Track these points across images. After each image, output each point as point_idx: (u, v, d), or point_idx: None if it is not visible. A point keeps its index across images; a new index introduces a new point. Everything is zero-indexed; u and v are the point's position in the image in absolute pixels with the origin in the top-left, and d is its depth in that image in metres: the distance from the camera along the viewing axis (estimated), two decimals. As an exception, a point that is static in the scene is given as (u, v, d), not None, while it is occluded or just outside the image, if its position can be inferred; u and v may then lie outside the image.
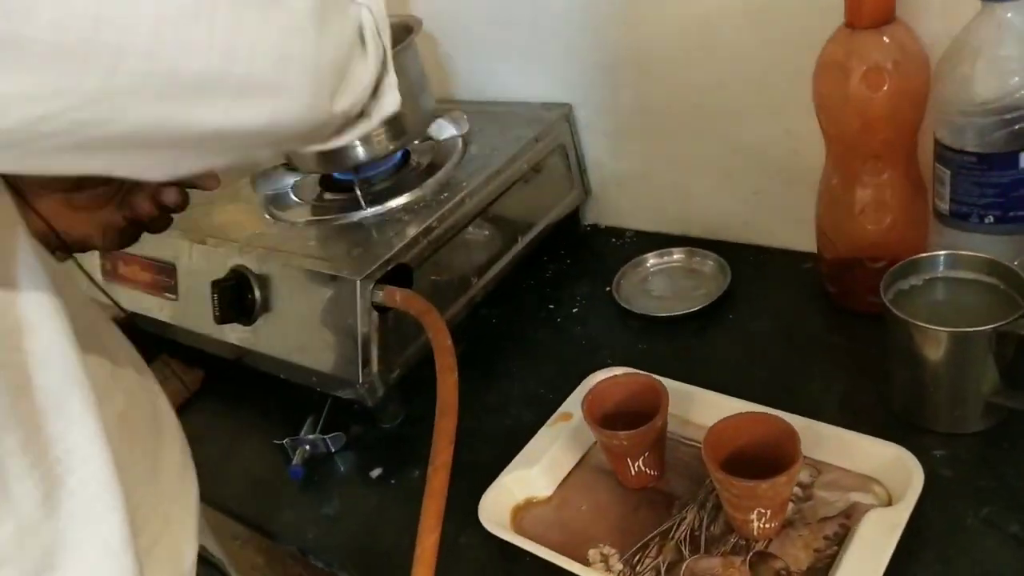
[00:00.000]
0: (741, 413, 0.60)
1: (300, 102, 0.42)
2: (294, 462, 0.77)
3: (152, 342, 0.96)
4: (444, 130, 0.93)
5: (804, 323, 0.79)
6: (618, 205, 1.00)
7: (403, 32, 0.88)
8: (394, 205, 0.85)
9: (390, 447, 0.79)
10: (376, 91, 0.49)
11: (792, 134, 0.82)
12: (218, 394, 0.93)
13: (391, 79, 0.51)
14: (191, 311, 0.89)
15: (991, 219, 0.66)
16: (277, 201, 0.92)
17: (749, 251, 0.91)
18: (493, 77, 1.01)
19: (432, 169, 0.90)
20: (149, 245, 0.91)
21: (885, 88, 0.66)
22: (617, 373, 0.67)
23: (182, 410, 0.91)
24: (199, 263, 0.87)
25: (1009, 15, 0.60)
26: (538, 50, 0.95)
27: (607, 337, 0.84)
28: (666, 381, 0.68)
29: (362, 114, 0.50)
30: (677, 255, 0.91)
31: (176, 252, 0.89)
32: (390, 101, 0.52)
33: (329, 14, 0.44)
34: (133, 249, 0.92)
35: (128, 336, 0.60)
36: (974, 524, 0.57)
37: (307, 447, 0.78)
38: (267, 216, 0.90)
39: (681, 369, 0.77)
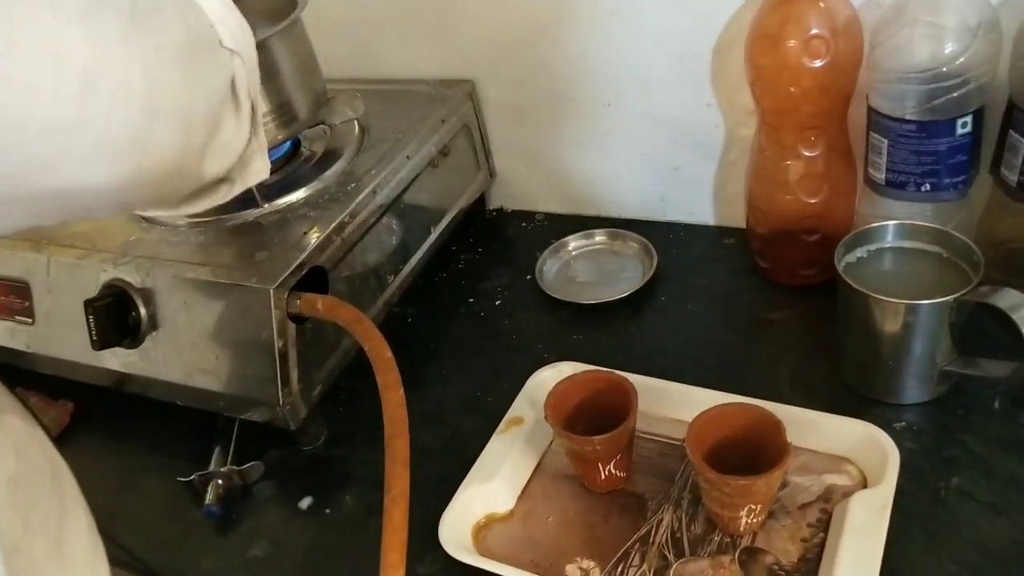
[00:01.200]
0: (720, 405, 0.57)
1: (168, 161, 0.36)
2: (207, 500, 0.67)
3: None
4: (338, 113, 0.84)
5: (739, 300, 0.78)
6: (526, 187, 0.95)
7: (288, 5, 0.78)
8: (293, 200, 0.75)
9: (316, 472, 0.70)
10: (243, 154, 0.44)
11: (714, 108, 0.79)
12: (94, 430, 0.80)
13: (260, 141, 0.46)
14: (54, 336, 0.75)
15: (927, 187, 0.66)
16: (150, 201, 0.80)
17: (670, 229, 0.88)
18: (385, 53, 0.93)
19: (329, 158, 0.81)
20: (-9, 261, 0.78)
21: (822, 58, 0.65)
22: (574, 372, 0.63)
23: (51, 451, 0.78)
24: (61, 280, 0.74)
25: (946, -18, 0.60)
26: (434, 23, 0.87)
27: (537, 329, 0.79)
28: (620, 374, 0.65)
29: (224, 179, 0.46)
30: (599, 237, 0.88)
31: (28, 268, 0.75)
32: (258, 168, 0.46)
33: (202, 58, 0.38)
34: (-27, 268, 0.79)
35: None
36: (950, 496, 0.57)
37: (219, 481, 0.69)
38: (140, 219, 0.78)
39: (622, 358, 0.73)
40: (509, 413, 0.67)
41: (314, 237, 0.69)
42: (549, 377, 0.68)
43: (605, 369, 0.62)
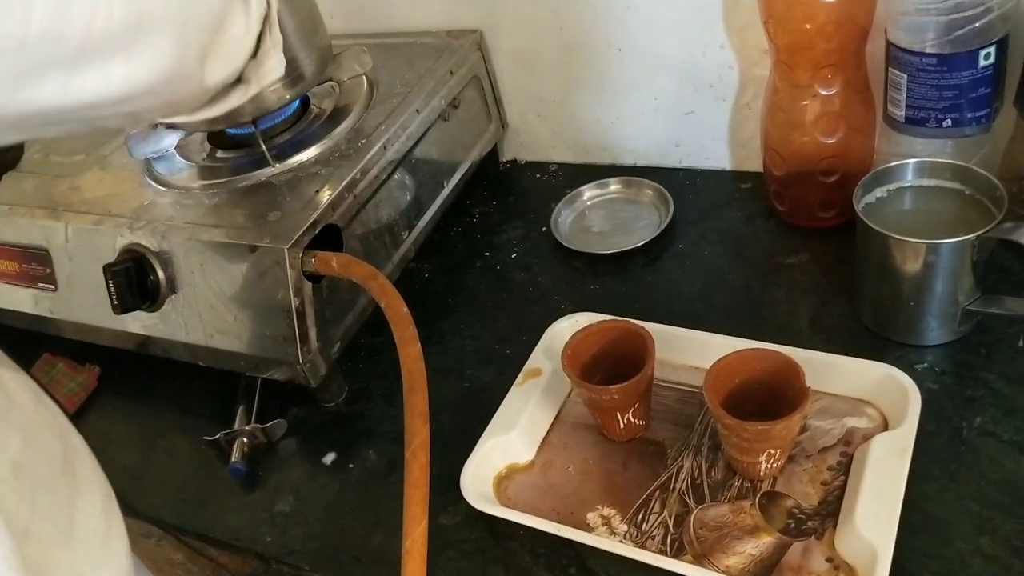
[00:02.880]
0: (738, 351, 0.56)
1: (160, 67, 0.34)
2: (233, 458, 0.68)
3: (28, 341, 0.83)
4: (345, 69, 0.83)
5: (756, 245, 0.77)
6: (538, 138, 0.94)
7: (289, -42, 0.77)
8: (304, 159, 0.75)
9: (338, 428, 0.71)
10: (256, 52, 0.42)
11: (726, 48, 0.77)
12: (121, 391, 0.82)
13: (275, 38, 0.43)
14: (77, 301, 0.76)
15: (949, 122, 0.65)
16: (161, 165, 0.80)
17: (685, 175, 0.87)
18: (389, 6, 0.91)
19: (339, 115, 0.80)
20: (10, 231, 0.78)
21: (838, -9, 0.63)
22: (591, 323, 0.62)
23: (78, 415, 0.80)
24: (80, 246, 0.74)
25: (967, -94, 0.58)
26: (440, -28, 0.86)
27: (554, 281, 0.79)
28: (637, 323, 0.65)
29: (239, 80, 0.44)
30: (614, 186, 0.87)
31: (48, 236, 0.76)
32: (272, 66, 0.44)
33: None
34: (-9, 236, 0.79)
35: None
36: (972, 435, 0.57)
37: (244, 439, 0.70)
38: (152, 183, 0.78)
39: (639, 306, 0.73)
40: (527, 365, 0.67)
41: (326, 195, 0.69)
42: (566, 328, 0.68)
43: (621, 319, 0.62)
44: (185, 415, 0.76)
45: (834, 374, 0.60)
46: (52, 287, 0.77)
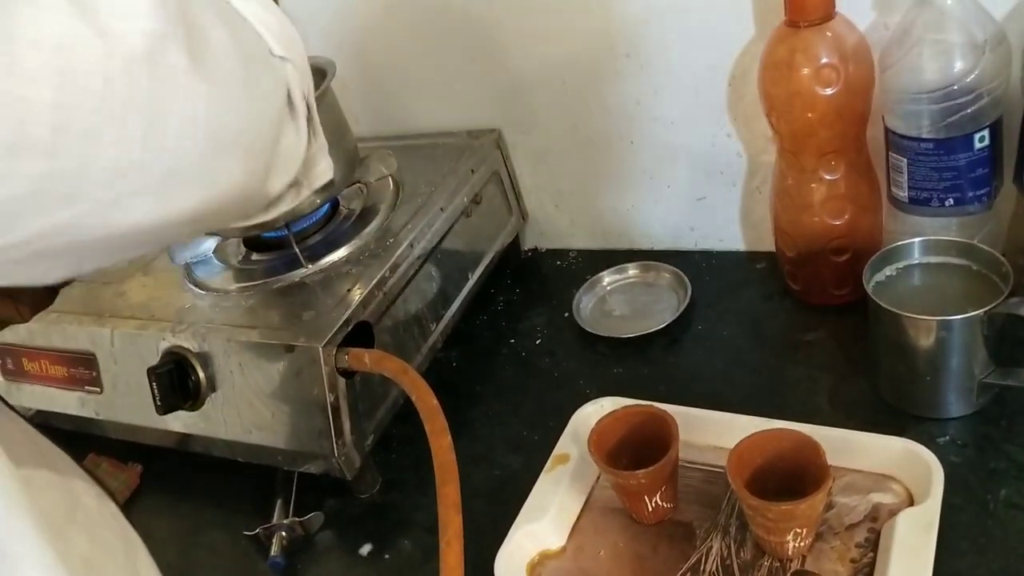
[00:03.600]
0: (759, 432, 0.58)
1: (233, 187, 0.36)
2: (272, 552, 0.70)
3: (73, 441, 0.86)
4: (372, 171, 0.88)
5: (774, 323, 0.79)
6: (558, 226, 0.98)
7: (317, 76, 0.82)
8: (335, 259, 0.79)
9: (373, 519, 0.73)
10: (304, 159, 0.44)
11: (733, 137, 0.81)
12: (162, 489, 0.84)
13: (320, 142, 0.46)
14: (121, 402, 0.80)
15: (951, 202, 0.67)
16: (200, 269, 0.84)
17: (700, 257, 0.90)
18: (410, 110, 0.97)
19: (367, 215, 0.85)
20: (59, 337, 0.82)
21: (834, 84, 0.67)
22: (615, 408, 0.64)
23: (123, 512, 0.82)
24: (125, 350, 0.78)
25: (949, 2, 0.61)
26: (456, 77, 0.91)
27: (578, 365, 0.81)
28: (660, 406, 0.67)
29: (291, 184, 0.45)
30: (632, 271, 0.90)
31: (94, 341, 0.80)
32: (323, 169, 0.46)
33: (257, 74, 0.38)
34: (42, 342, 0.84)
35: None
36: (998, 509, 0.57)
37: (283, 533, 0.72)
38: (192, 287, 0.82)
39: (663, 388, 0.75)
40: (555, 451, 0.69)
41: (357, 294, 0.72)
42: (591, 413, 0.70)
43: (645, 403, 0.64)
44: (224, 510, 0.79)
45: (857, 450, 0.61)
46: (98, 390, 0.81)
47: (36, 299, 0.54)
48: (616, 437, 0.63)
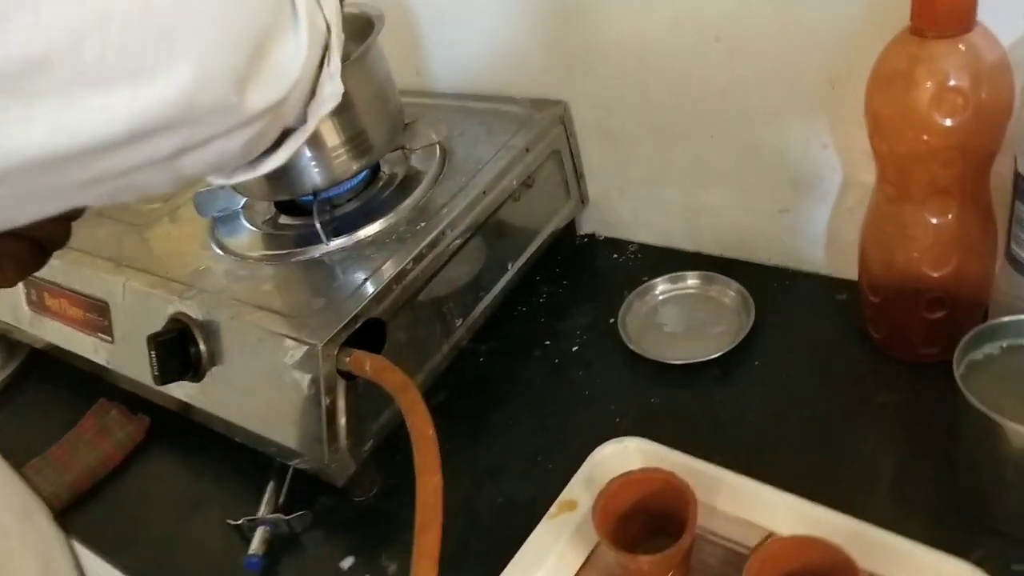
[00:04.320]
0: (789, 539, 0.49)
1: (178, 95, 0.28)
2: (251, 550, 0.66)
3: (90, 382, 0.84)
4: (419, 137, 0.79)
5: (844, 372, 0.68)
6: (619, 215, 0.88)
7: (365, 26, 0.74)
8: (362, 236, 0.72)
9: (364, 526, 0.68)
10: (314, 89, 0.36)
11: (831, 148, 0.69)
12: (166, 448, 0.81)
13: (334, 66, 0.36)
14: (129, 357, 0.76)
15: (1086, 274, 0.55)
16: (224, 227, 0.79)
17: (773, 274, 0.79)
18: (472, 67, 0.87)
19: (406, 186, 0.77)
20: (78, 279, 0.79)
21: (960, 112, 0.54)
22: (632, 470, 0.56)
23: (123, 468, 0.80)
24: (134, 307, 0.74)
25: None
26: (530, 40, 0.81)
27: (614, 385, 0.73)
28: (688, 461, 0.58)
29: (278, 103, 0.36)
30: (692, 281, 0.80)
31: (108, 290, 0.76)
32: (330, 94, 0.37)
33: None
34: (62, 280, 0.80)
35: (63, 373, 0.45)
36: (1074, 669, 0.47)
37: (268, 528, 0.67)
38: (214, 246, 0.77)
39: (702, 429, 0.66)
40: (563, 495, 0.62)
41: (373, 286, 0.65)
42: (610, 455, 0.62)
43: (665, 470, 0.55)
44: (220, 486, 0.75)
45: (910, 566, 0.51)
46: (109, 339, 0.78)
47: (47, 237, 0.49)
48: (628, 501, 0.55)
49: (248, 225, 0.78)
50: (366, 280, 0.66)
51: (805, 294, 0.76)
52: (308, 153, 0.70)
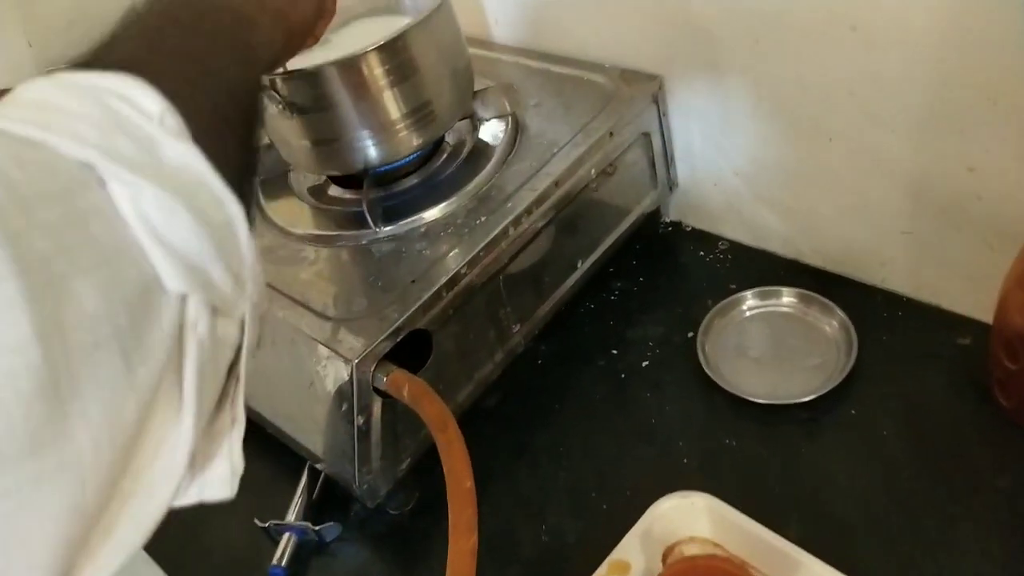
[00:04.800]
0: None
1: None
2: (275, 559, 0.61)
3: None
4: (489, 108, 0.70)
5: (958, 439, 0.58)
6: (711, 206, 0.77)
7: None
8: (415, 224, 0.64)
9: (395, 543, 0.62)
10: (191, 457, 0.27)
11: (977, 173, 0.57)
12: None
13: (233, 438, 0.30)
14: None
15: None
16: (273, 189, 0.72)
17: (883, 299, 0.68)
18: (559, 25, 0.76)
19: (471, 163, 0.68)
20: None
21: None
22: (696, 552, 0.49)
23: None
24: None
25: None
26: (628, 3, 0.69)
27: (684, 416, 0.65)
28: (761, 533, 0.51)
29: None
30: (787, 299, 0.69)
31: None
32: (216, 477, 0.30)
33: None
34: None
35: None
36: None
37: (294, 536, 0.63)
38: (260, 212, 0.70)
39: (778, 487, 0.58)
40: (616, 552, 0.54)
41: (420, 293, 0.57)
42: (673, 510, 0.55)
43: (736, 563, 0.48)
44: (251, 478, 0.70)
45: None
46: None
47: None
48: (688, 588, 0.48)
49: (295, 192, 0.71)
50: (414, 282, 0.59)
51: (920, 330, 0.65)
52: (362, 127, 0.61)
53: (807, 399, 0.62)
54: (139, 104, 0.27)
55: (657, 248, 0.79)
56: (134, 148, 0.26)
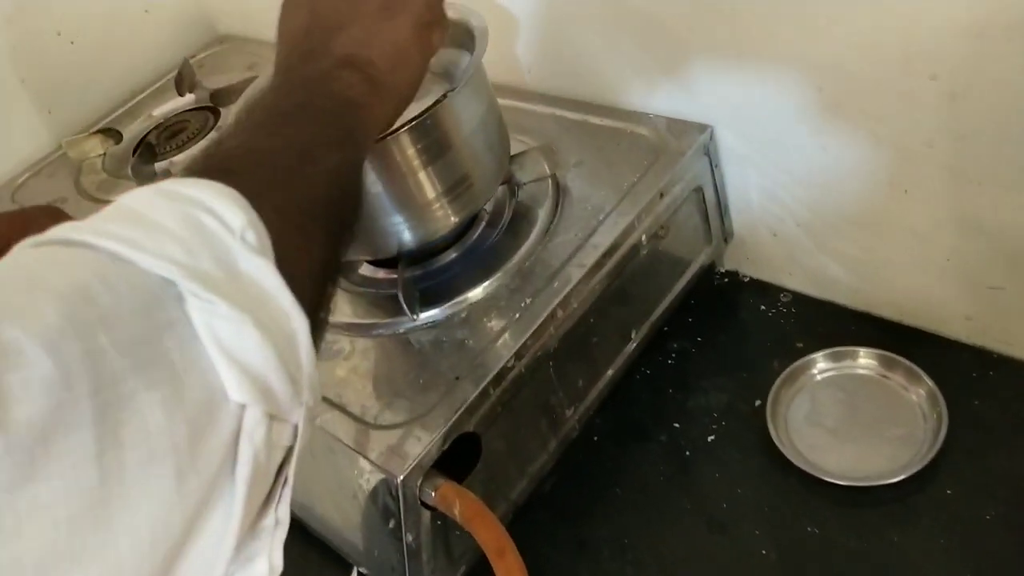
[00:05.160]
0: None
1: None
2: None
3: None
4: (528, 168, 0.65)
5: (1071, 525, 0.52)
6: (770, 257, 0.72)
7: (464, 36, 0.59)
8: (455, 308, 0.59)
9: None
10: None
11: (1080, 229, 0.51)
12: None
13: (279, 534, 0.30)
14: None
15: None
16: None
17: (971, 357, 0.62)
18: (597, 74, 0.71)
19: (512, 234, 0.64)
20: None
21: None
22: None
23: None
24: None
25: None
26: (660, 48, 0.64)
27: (758, 499, 0.59)
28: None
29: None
30: (864, 360, 0.64)
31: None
32: (259, 571, 0.30)
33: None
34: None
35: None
36: None
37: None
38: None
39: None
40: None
41: (467, 391, 0.53)
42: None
43: None
44: (307, 570, 0.67)
45: None
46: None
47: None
48: None
49: (327, 274, 0.67)
50: (458, 379, 0.54)
51: (1018, 393, 0.59)
52: (396, 212, 0.57)
53: (894, 480, 0.56)
54: (223, 217, 0.28)
55: (714, 302, 0.74)
56: (214, 264, 0.27)
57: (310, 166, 0.35)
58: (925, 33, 0.49)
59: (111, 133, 0.93)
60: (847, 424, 0.61)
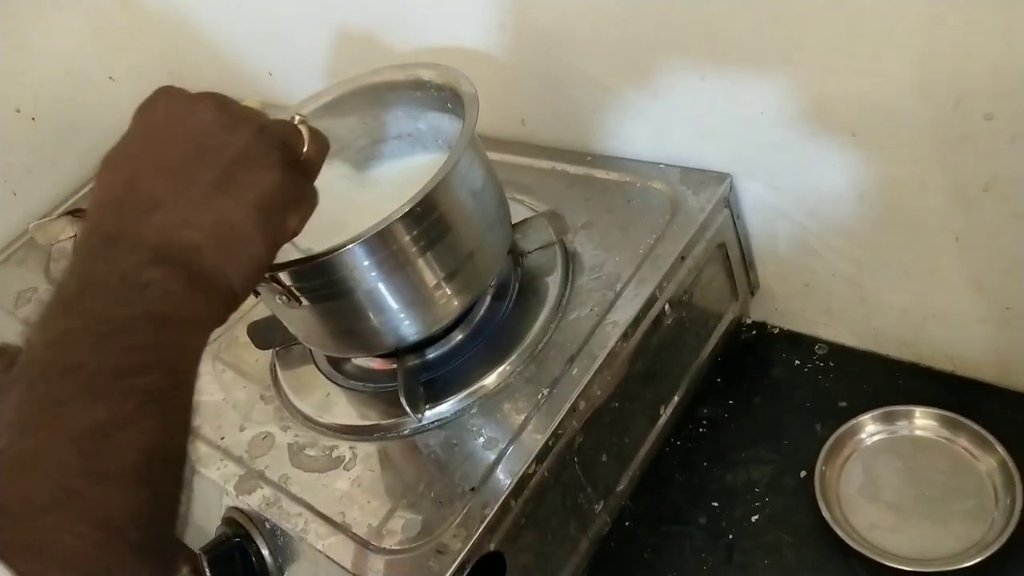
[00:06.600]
0: None
1: None
2: None
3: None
4: (533, 236, 0.59)
5: None
6: (804, 308, 0.66)
7: (454, 100, 0.54)
8: (464, 403, 0.53)
9: None
10: None
11: None
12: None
13: None
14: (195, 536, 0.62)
15: None
16: (290, 366, 0.62)
17: (1038, 413, 0.56)
18: (601, 119, 0.65)
19: (519, 311, 0.57)
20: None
21: None
22: None
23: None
24: (197, 481, 0.58)
25: None
26: (666, 92, 0.58)
27: (815, 592, 0.53)
28: None
29: None
30: (922, 420, 0.57)
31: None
32: None
33: None
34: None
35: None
36: None
37: None
38: (276, 396, 0.60)
39: None
40: None
41: (484, 509, 0.47)
42: None
43: None
44: None
45: None
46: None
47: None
48: None
49: (316, 367, 0.61)
50: (474, 490, 0.48)
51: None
52: (393, 305, 0.51)
53: (971, 564, 0.50)
54: None
55: (743, 359, 0.68)
56: None
57: (103, 471, 0.28)
58: (976, 64, 0.43)
59: (80, 213, 0.87)
60: (907, 496, 0.55)
